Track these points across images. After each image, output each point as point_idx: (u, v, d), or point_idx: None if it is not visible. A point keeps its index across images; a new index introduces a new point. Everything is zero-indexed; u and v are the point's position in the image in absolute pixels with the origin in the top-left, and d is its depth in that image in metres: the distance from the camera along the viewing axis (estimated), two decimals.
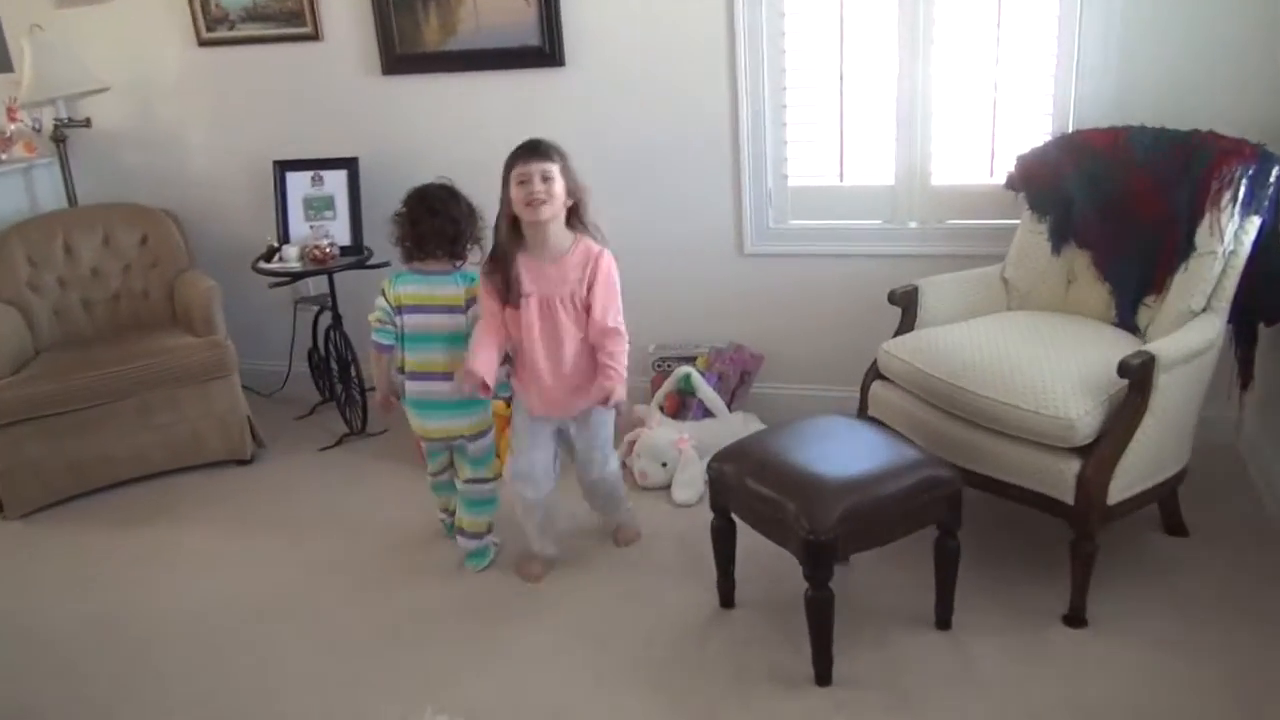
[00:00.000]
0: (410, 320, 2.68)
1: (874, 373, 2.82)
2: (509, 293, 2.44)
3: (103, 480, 3.33)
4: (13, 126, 3.94)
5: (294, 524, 3.08)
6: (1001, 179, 2.98)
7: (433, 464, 2.86)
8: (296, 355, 3.97)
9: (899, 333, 2.82)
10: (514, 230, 2.44)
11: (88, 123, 3.81)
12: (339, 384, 3.61)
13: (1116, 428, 2.25)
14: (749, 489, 2.26)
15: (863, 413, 2.86)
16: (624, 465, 3.23)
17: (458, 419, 2.70)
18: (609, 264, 2.49)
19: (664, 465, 3.09)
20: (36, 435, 3.19)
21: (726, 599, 2.51)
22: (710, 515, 2.42)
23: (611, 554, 2.78)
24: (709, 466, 2.41)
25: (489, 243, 2.59)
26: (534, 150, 2.37)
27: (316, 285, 3.71)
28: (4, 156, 3.90)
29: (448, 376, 2.64)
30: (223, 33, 3.64)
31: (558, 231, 2.44)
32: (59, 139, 3.75)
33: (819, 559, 2.08)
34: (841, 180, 3.25)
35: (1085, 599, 2.33)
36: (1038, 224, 2.84)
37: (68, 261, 3.64)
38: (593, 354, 2.50)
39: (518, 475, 2.63)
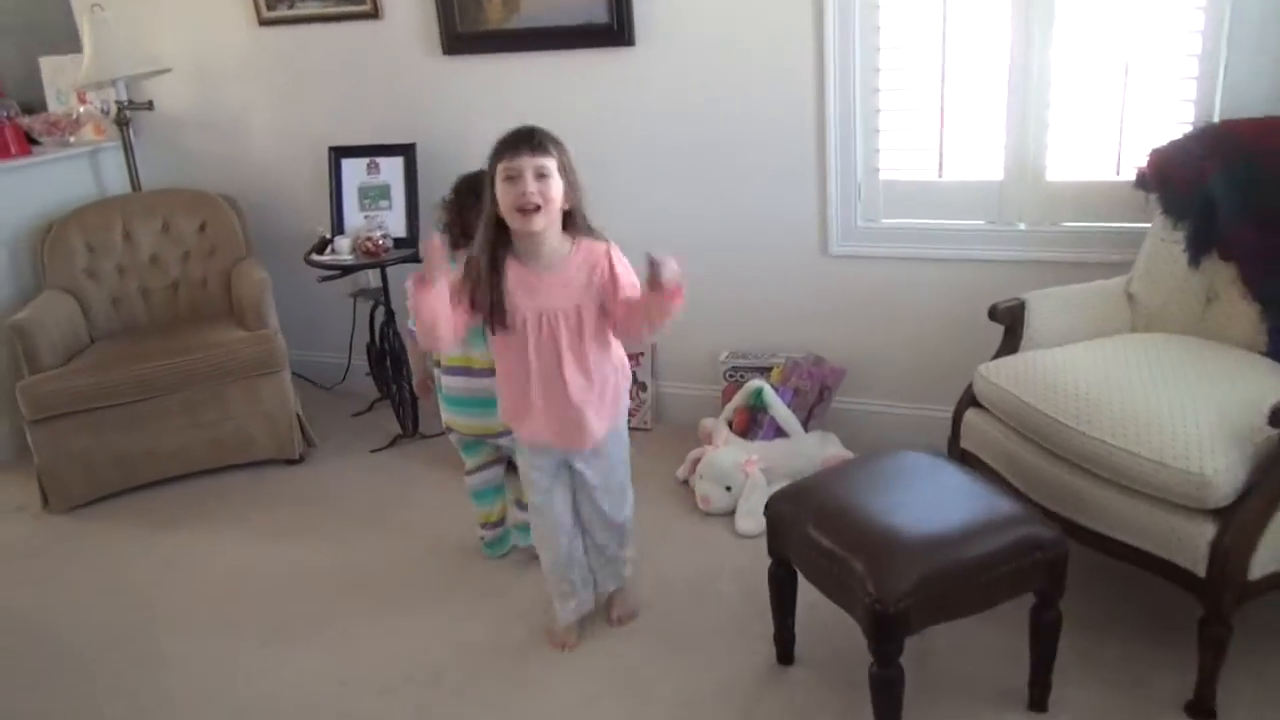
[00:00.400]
0: None
1: (969, 398, 2.46)
2: (493, 312, 2.01)
3: (149, 476, 3.22)
4: (81, 109, 3.88)
5: (334, 533, 2.91)
6: (1130, 176, 2.56)
7: (470, 459, 2.65)
8: (357, 348, 3.81)
9: (1000, 353, 2.45)
10: (498, 235, 2.02)
11: (150, 105, 3.71)
12: (392, 382, 3.42)
13: (1264, 487, 1.85)
14: (809, 539, 1.95)
15: (954, 442, 2.51)
16: (685, 483, 2.98)
17: (493, 418, 2.45)
18: (621, 256, 2.07)
19: (728, 489, 2.80)
20: (82, 428, 3.10)
21: (785, 654, 2.20)
22: None
23: (658, 591, 2.50)
24: (766, 507, 2.10)
25: None
26: (526, 140, 1.94)
27: (377, 277, 3.52)
28: (73, 139, 3.83)
29: (489, 373, 2.42)
30: (283, 11, 3.47)
31: (555, 236, 2.03)
32: (122, 122, 3.65)
33: (887, 633, 1.76)
34: (940, 175, 2.87)
35: (1215, 686, 1.94)
36: (1172, 230, 2.42)
37: (127, 248, 3.54)
38: (598, 372, 2.10)
39: (538, 524, 2.29)
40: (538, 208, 1.94)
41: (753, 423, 2.95)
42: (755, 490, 2.75)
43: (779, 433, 2.90)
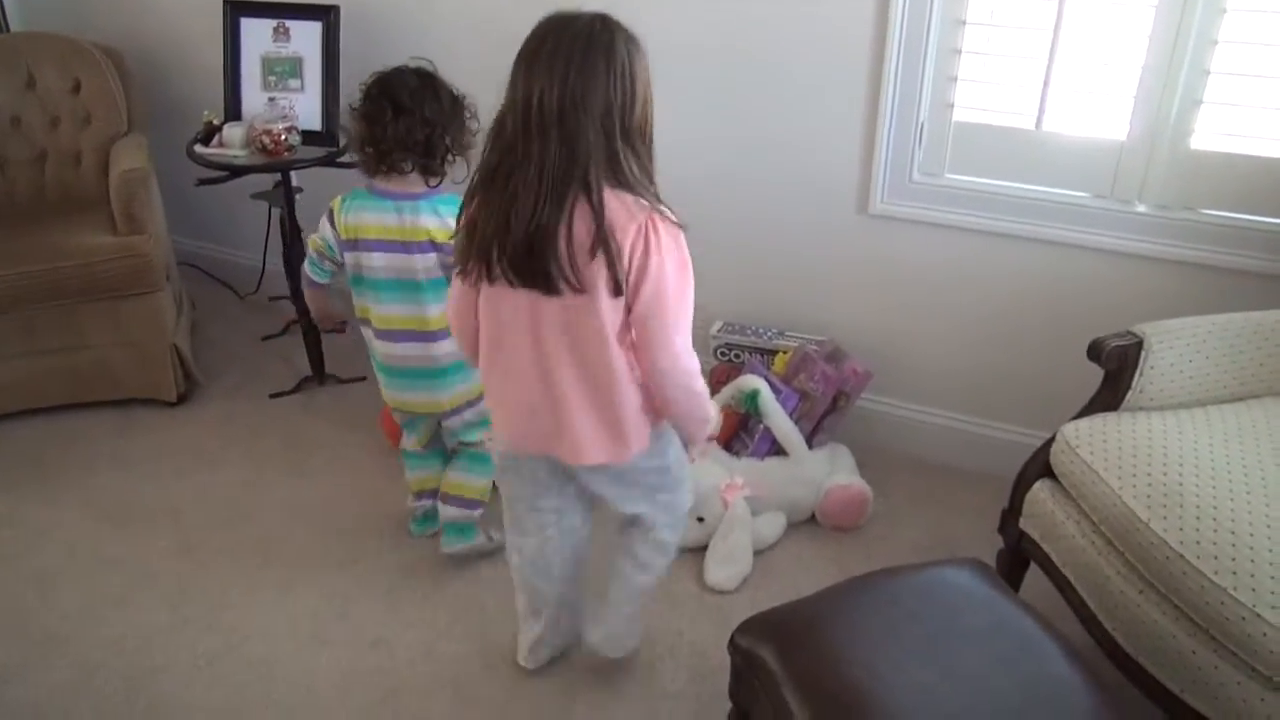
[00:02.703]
0: (369, 260, 1.96)
1: (1042, 463, 1.75)
2: None
3: None
4: None
5: (200, 506, 2.29)
6: None
7: (409, 436, 2.16)
8: (276, 250, 3.08)
9: (1095, 406, 1.73)
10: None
11: None
12: (300, 313, 2.70)
13: None
14: (787, 708, 1.28)
15: (1010, 517, 1.82)
16: None
17: (438, 391, 2.04)
18: None
19: (700, 520, 2.13)
20: None
21: None
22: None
23: (586, 659, 1.87)
24: (731, 641, 1.43)
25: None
26: None
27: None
28: None
29: (419, 336, 2.00)
30: None
31: None
32: None
33: None
34: (1038, 125, 2.05)
35: None
36: None
37: None
38: None
39: None
40: None
41: (742, 429, 2.26)
42: (736, 527, 2.08)
43: (774, 447, 2.21)
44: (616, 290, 1.29)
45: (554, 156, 1.23)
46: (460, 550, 2.08)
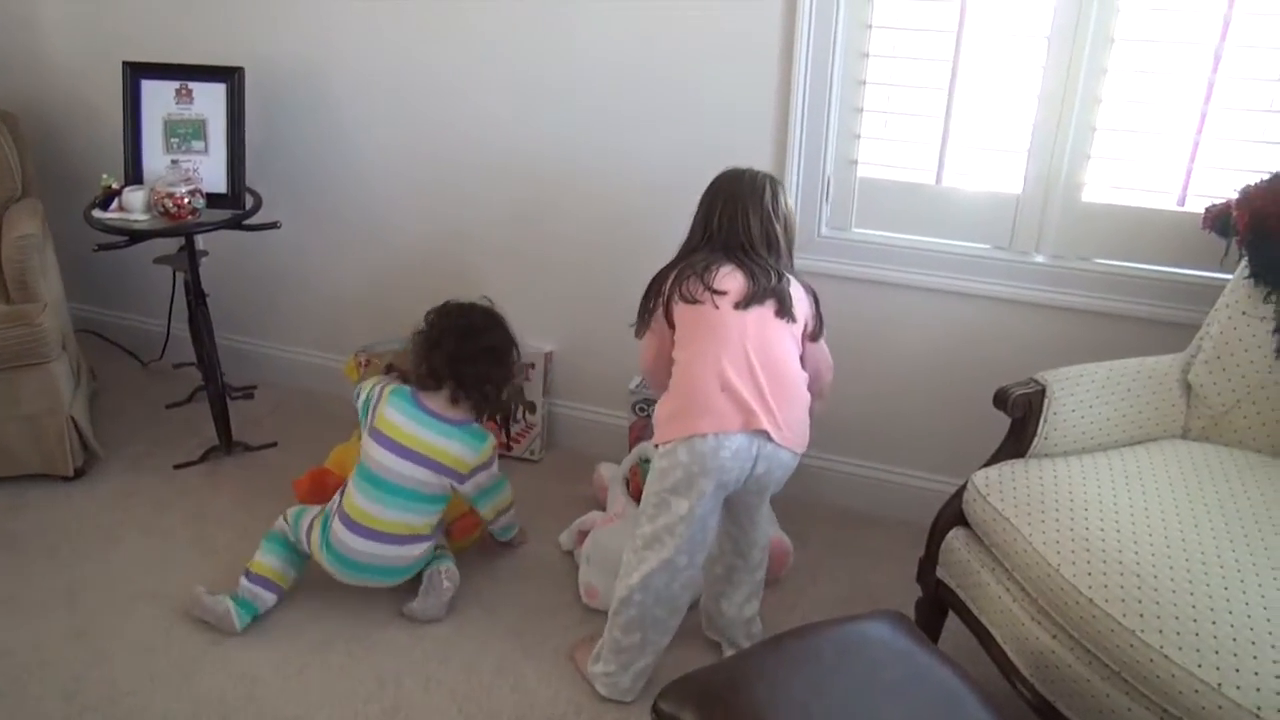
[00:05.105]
0: (387, 460, 1.99)
1: (955, 511, 1.77)
2: None
3: None
4: None
5: (98, 587, 2.16)
6: (1197, 210, 1.87)
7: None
8: (180, 315, 2.99)
9: (1002, 454, 1.77)
10: None
11: None
12: (206, 378, 2.62)
13: None
14: None
15: (927, 566, 1.84)
16: (571, 554, 2.29)
17: (389, 580, 2.07)
18: None
19: None
20: None
21: None
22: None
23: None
24: (654, 706, 1.40)
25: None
26: None
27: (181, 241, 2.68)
28: None
29: (396, 540, 2.00)
30: None
31: None
32: None
33: None
34: (938, 180, 2.13)
35: None
36: (1260, 303, 1.73)
37: None
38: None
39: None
40: None
41: None
42: None
43: None
44: (814, 330, 1.85)
45: (758, 244, 1.79)
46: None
